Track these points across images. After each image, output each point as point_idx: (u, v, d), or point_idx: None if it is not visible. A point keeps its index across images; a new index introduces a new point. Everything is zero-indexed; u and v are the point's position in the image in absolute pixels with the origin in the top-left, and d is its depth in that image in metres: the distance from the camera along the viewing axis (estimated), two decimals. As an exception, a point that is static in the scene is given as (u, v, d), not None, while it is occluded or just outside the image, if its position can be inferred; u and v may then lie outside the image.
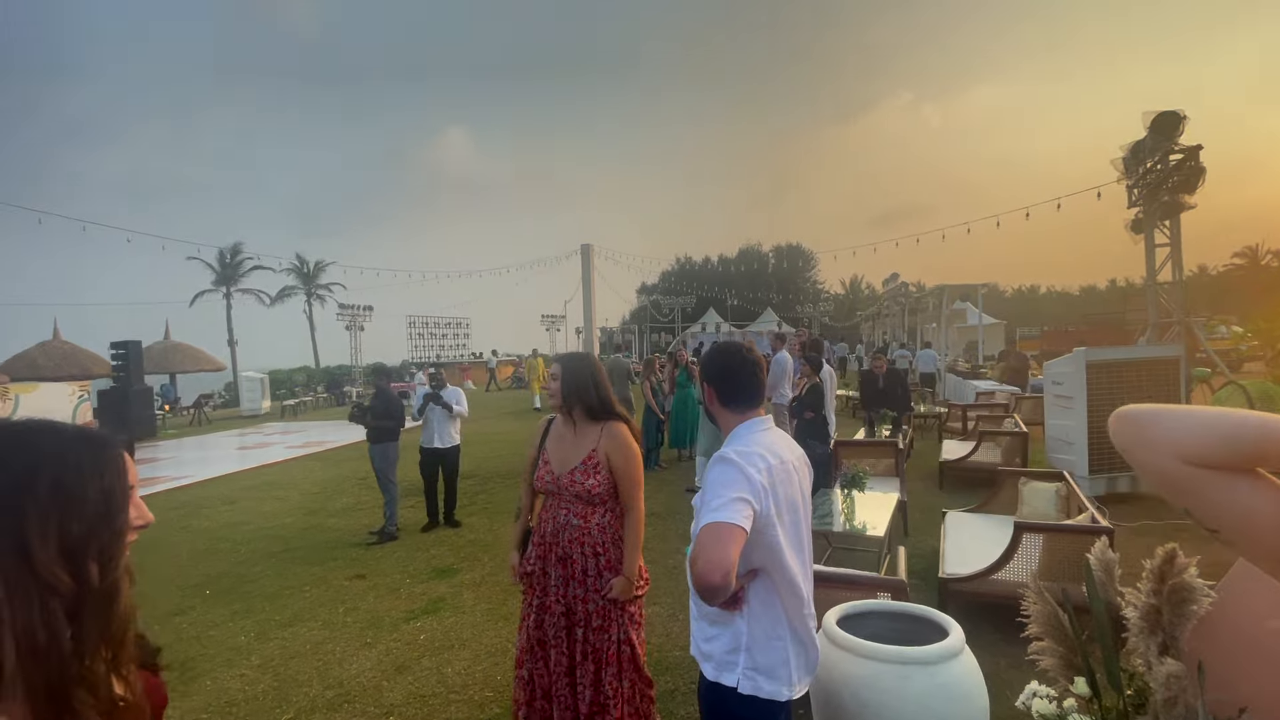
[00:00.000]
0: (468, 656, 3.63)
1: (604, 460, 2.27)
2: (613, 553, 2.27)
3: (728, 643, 1.63)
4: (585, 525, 2.27)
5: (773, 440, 1.69)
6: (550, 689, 2.29)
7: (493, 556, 5.33)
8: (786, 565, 1.59)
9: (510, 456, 9.99)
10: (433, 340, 31.81)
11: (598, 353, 26.70)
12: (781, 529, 1.58)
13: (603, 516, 2.28)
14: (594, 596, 2.24)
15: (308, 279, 33.36)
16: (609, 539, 2.28)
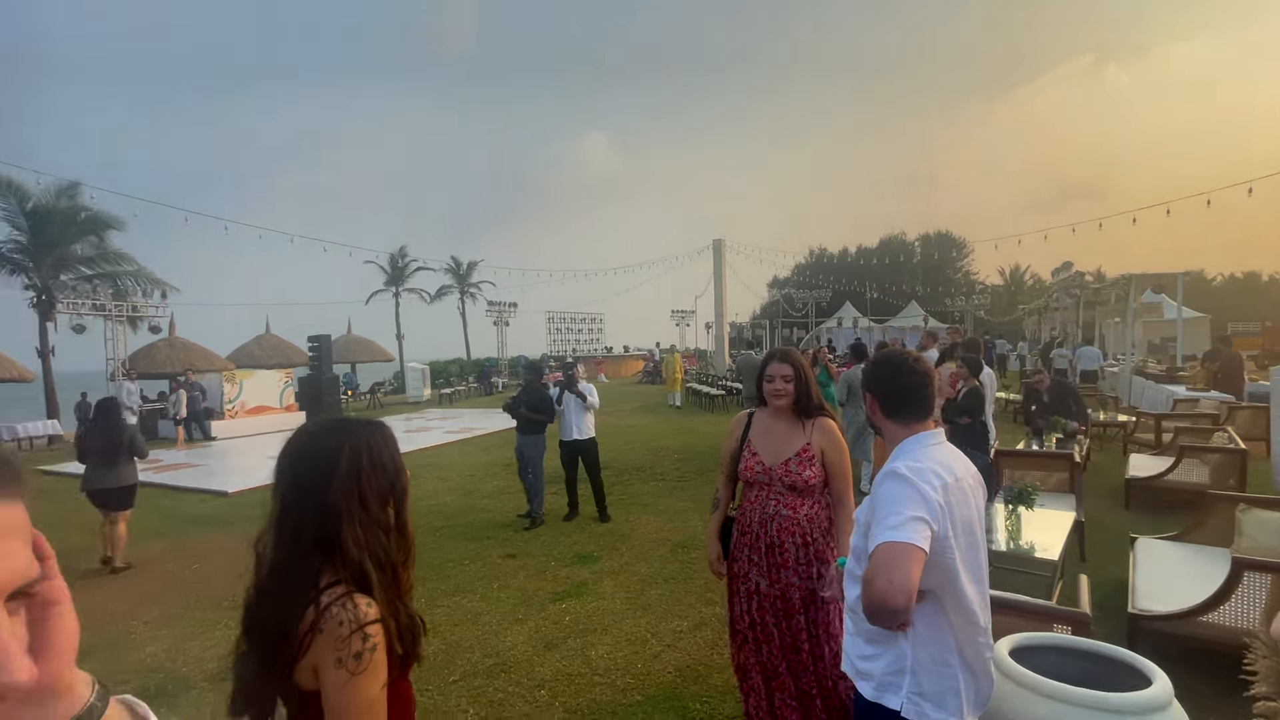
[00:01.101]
0: (610, 642, 3.80)
1: (818, 454, 2.36)
2: (820, 542, 2.35)
3: (890, 664, 1.56)
4: (794, 515, 2.35)
5: (946, 456, 1.59)
6: (777, 669, 2.38)
7: (630, 547, 5.52)
8: (962, 591, 1.49)
9: (644, 451, 10.24)
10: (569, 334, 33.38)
11: (727, 349, 26.49)
12: (958, 552, 1.49)
13: (810, 508, 2.36)
14: (805, 583, 2.33)
15: (461, 278, 36.46)
16: (816, 529, 2.36)
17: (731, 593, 2.52)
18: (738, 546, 2.48)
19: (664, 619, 4.07)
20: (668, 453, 10.07)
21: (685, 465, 9.04)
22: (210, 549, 6.12)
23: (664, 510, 6.69)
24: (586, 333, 34.26)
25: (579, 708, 3.14)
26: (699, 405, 16.67)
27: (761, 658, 2.42)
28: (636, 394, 21.07)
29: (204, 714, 3.26)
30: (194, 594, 4.96)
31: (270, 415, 15.90)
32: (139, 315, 17.10)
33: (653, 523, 6.24)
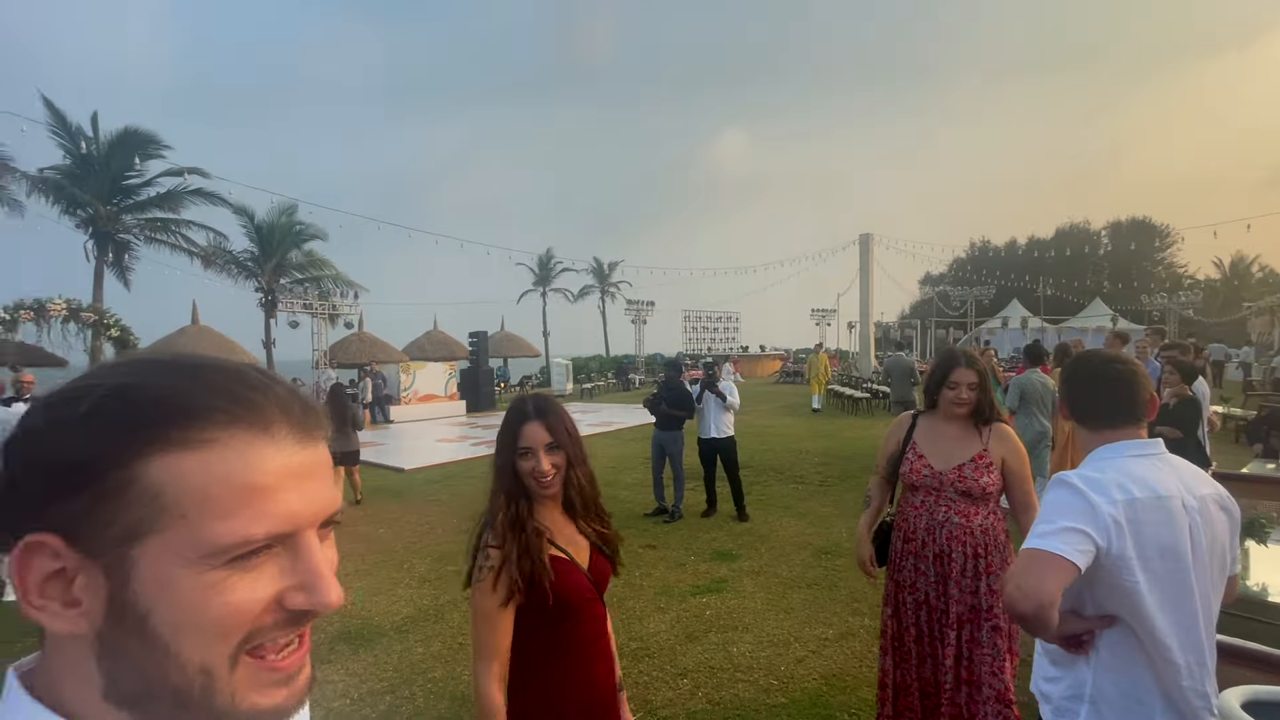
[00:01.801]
0: (751, 641, 3.77)
1: (997, 461, 2.21)
2: (993, 556, 2.19)
3: (1068, 688, 1.43)
4: (967, 524, 2.21)
5: (1147, 470, 1.39)
6: (934, 682, 2.27)
7: (770, 548, 5.43)
8: (1150, 621, 1.31)
9: (783, 452, 10.00)
10: (705, 333, 33.44)
11: (873, 349, 25.00)
12: (1147, 577, 1.30)
13: (985, 518, 2.21)
14: (969, 598, 2.19)
15: (602, 278, 38.03)
16: (991, 542, 2.20)
17: (897, 603, 2.37)
18: (901, 555, 2.34)
19: (807, 624, 3.96)
20: (808, 455, 9.75)
21: (827, 469, 8.70)
22: (391, 516, 6.97)
23: (805, 514, 6.49)
24: (722, 331, 34.10)
25: (722, 701, 3.16)
26: (840, 408, 15.93)
27: (924, 674, 2.28)
28: (774, 394, 20.62)
29: (392, 657, 3.72)
30: (380, 554, 5.68)
31: (437, 403, 17.70)
32: (337, 313, 19.86)
33: (793, 526, 6.09)
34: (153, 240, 17.89)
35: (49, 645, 0.41)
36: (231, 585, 0.40)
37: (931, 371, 2.40)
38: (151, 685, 0.39)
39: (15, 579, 0.38)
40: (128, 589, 0.38)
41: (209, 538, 0.39)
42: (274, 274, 20.53)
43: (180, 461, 0.39)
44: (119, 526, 0.38)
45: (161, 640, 0.39)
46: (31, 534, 0.38)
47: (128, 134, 16.60)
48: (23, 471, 0.39)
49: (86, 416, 0.39)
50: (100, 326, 13.14)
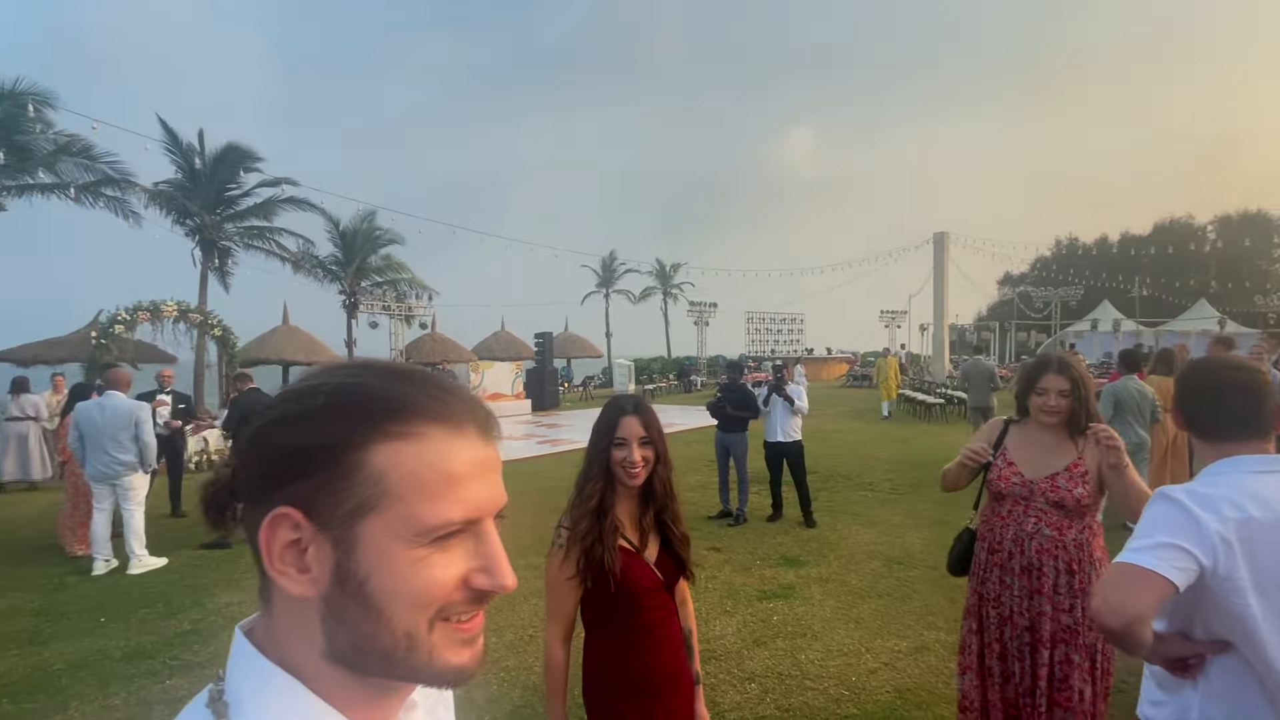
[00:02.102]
0: (820, 649, 3.72)
1: (1093, 471, 2.08)
2: (1089, 574, 2.06)
3: (1172, 714, 1.35)
4: (1060, 538, 2.09)
5: (1270, 487, 1.30)
6: (1017, 703, 2.18)
7: (839, 555, 5.33)
8: (1264, 649, 1.22)
9: (851, 458, 9.76)
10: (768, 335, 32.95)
11: (947, 353, 23.94)
12: (1262, 603, 1.21)
13: (1080, 532, 2.09)
14: (1062, 616, 2.08)
15: (665, 279, 38.08)
16: (1086, 558, 2.08)
17: (980, 618, 2.27)
18: (986, 566, 2.24)
19: (879, 635, 3.87)
20: (877, 462, 9.47)
21: (898, 476, 8.42)
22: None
23: (875, 522, 6.32)
24: (786, 333, 33.50)
25: (791, 708, 3.13)
26: (912, 414, 15.35)
27: (1008, 694, 2.19)
28: (841, 398, 20.10)
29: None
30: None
31: (503, 401, 18.24)
32: (412, 314, 20.81)
33: (863, 534, 5.94)
34: (250, 246, 19.29)
35: (277, 608, 0.48)
36: (432, 562, 0.46)
37: (1021, 377, 2.30)
38: (364, 644, 0.45)
39: (262, 545, 0.45)
40: (352, 559, 0.45)
41: (419, 518, 0.45)
42: (355, 277, 21.72)
43: (398, 450, 0.45)
44: (349, 504, 0.45)
45: (377, 605, 0.45)
46: (278, 507, 0.44)
47: (230, 149, 17.96)
48: (269, 454, 0.46)
49: (324, 409, 0.46)
50: (205, 326, 14.26)
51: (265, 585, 0.48)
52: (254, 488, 0.47)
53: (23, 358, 14.17)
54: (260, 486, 0.46)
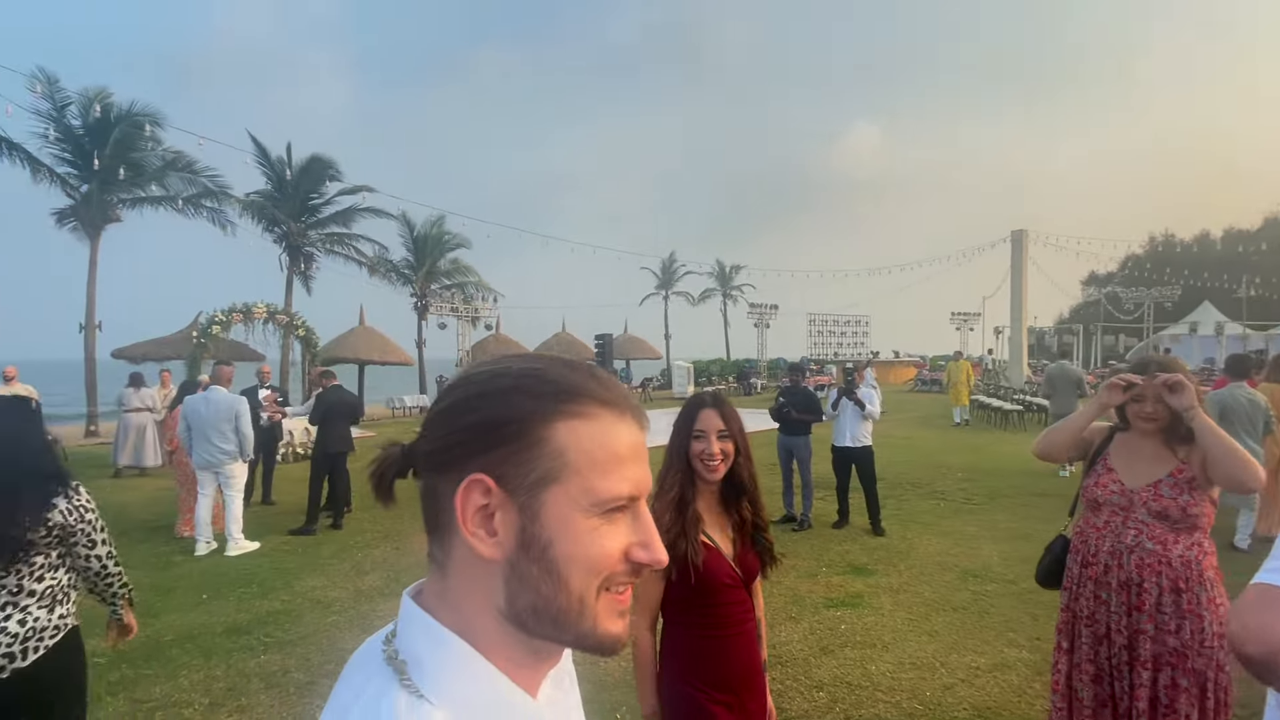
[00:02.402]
0: (891, 661, 3.61)
1: (1200, 476, 1.94)
2: (1199, 594, 1.90)
3: None
4: (1164, 553, 1.94)
5: None
6: None
7: (909, 565, 5.15)
8: None
9: (922, 466, 9.40)
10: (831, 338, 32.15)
11: (1025, 357, 22.68)
12: None
13: (1187, 549, 1.93)
14: (1168, 638, 1.93)
15: (724, 281, 37.78)
16: (1195, 577, 1.91)
17: (1073, 635, 2.13)
18: (1079, 580, 2.11)
19: (954, 650, 3.71)
20: (949, 470, 9.08)
21: (972, 486, 8.05)
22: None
23: (948, 532, 6.06)
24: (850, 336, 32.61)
25: (862, 719, 3.06)
26: (986, 421, 14.63)
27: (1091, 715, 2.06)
28: (909, 403, 19.38)
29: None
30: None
31: (565, 401, 18.57)
32: (478, 316, 21.50)
33: (935, 544, 5.71)
34: (330, 251, 20.44)
35: (455, 570, 0.51)
36: (603, 532, 0.50)
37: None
38: (543, 605, 0.49)
39: (457, 509, 0.49)
40: (536, 525, 0.49)
41: (595, 490, 0.49)
42: (426, 280, 22.63)
43: (576, 429, 0.50)
44: (534, 474, 0.49)
45: (558, 569, 0.49)
46: (472, 474, 0.49)
47: (313, 160, 19.11)
48: (460, 428, 0.51)
49: (510, 390, 0.51)
50: (290, 326, 15.22)
51: (441, 549, 0.52)
52: (442, 459, 0.51)
53: (134, 355, 15.54)
54: (450, 457, 0.51)
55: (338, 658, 3.70)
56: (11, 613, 1.82)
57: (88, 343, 15.39)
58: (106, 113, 14.70)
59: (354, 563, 5.45)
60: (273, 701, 3.25)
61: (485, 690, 0.50)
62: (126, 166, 14.99)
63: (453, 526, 0.50)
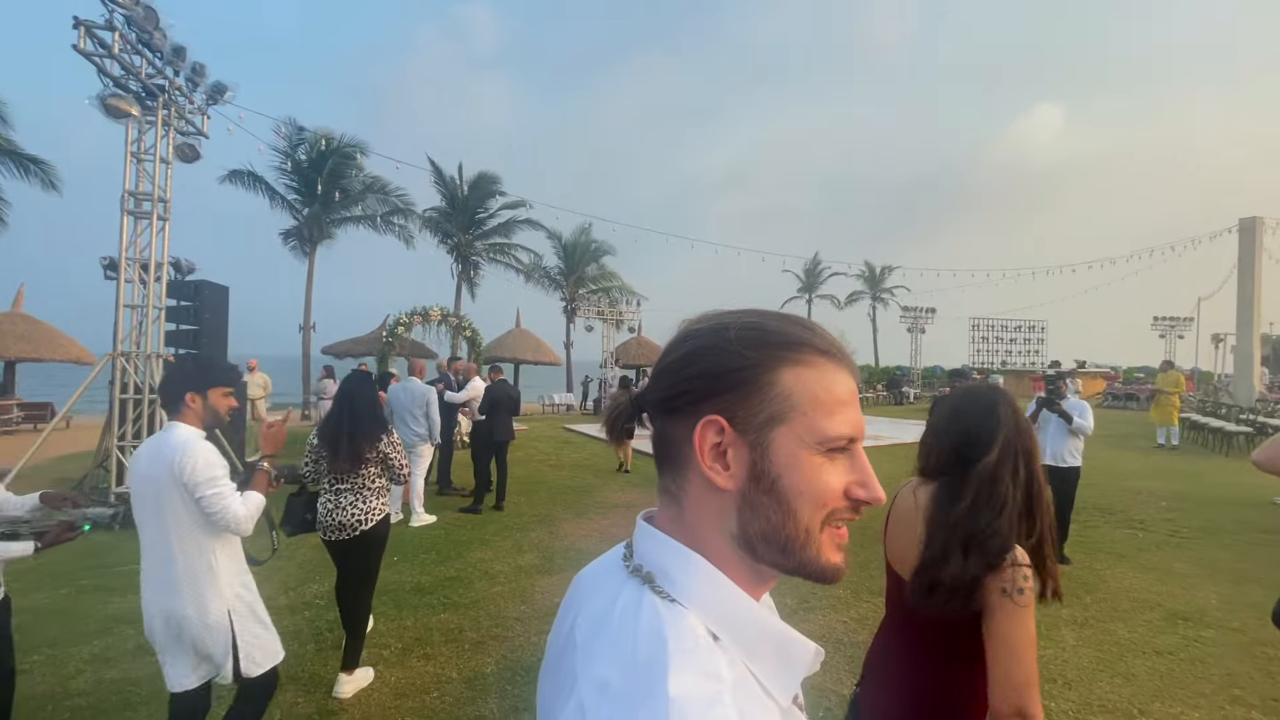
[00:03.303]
0: (1074, 699, 3.22)
1: None
2: None
3: None
4: None
5: None
6: None
7: (1098, 600, 4.54)
8: None
9: (1112, 490, 8.23)
10: (998, 345, 29.13)
11: (1258, 370, 18.86)
12: None
13: None
14: None
15: (874, 283, 35.69)
16: None
17: None
18: None
19: (1158, 699, 3.23)
20: (1150, 497, 7.84)
21: (1181, 517, 6.89)
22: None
23: (1150, 567, 5.26)
24: (1021, 343, 29.29)
25: (1038, 757, 2.77)
26: (1200, 444, 12.40)
27: None
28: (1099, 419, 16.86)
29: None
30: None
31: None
32: (621, 319, 22.32)
33: (1132, 578, 4.98)
34: (493, 260, 22.43)
35: (691, 500, 0.58)
36: (826, 469, 0.56)
37: None
38: (772, 533, 0.55)
39: (696, 445, 0.56)
40: (765, 460, 0.55)
41: (819, 429, 0.55)
42: (575, 285, 23.98)
43: (799, 375, 0.56)
44: (764, 415, 0.55)
45: (786, 500, 0.55)
46: (709, 413, 0.56)
47: (480, 177, 21.11)
48: (692, 376, 0.58)
49: (736, 340, 0.57)
50: (459, 328, 16.94)
51: (675, 482, 0.59)
52: (675, 404, 0.58)
53: (338, 351, 18.19)
54: (683, 402, 0.58)
55: (504, 623, 4.09)
56: (357, 499, 3.31)
57: (305, 341, 18.29)
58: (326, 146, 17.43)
59: (514, 541, 5.95)
60: (451, 653, 3.68)
61: (726, 599, 0.56)
62: (340, 191, 17.67)
63: (688, 462, 0.57)
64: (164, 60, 6.88)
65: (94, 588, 4.71)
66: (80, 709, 3.06)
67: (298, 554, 5.48)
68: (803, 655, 0.57)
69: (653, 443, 0.63)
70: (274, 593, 4.61)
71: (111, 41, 6.31)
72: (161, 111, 6.94)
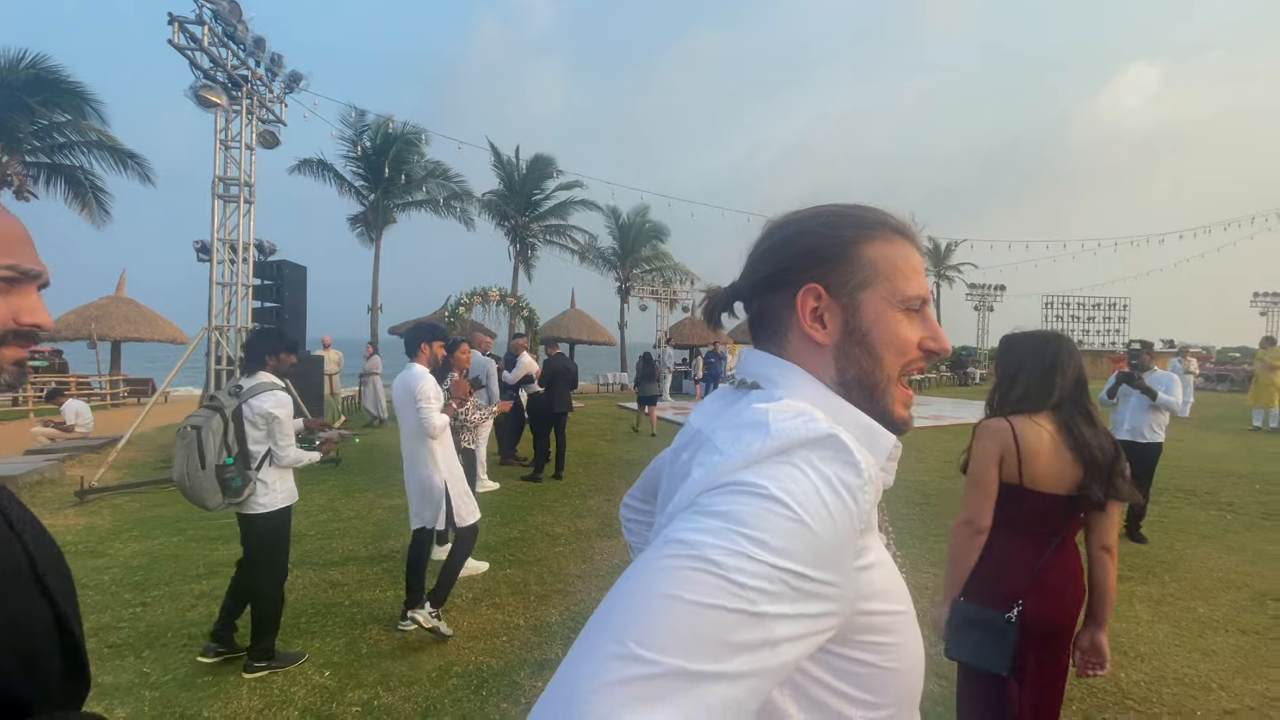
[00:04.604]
0: (1147, 671, 3.13)
1: None
2: None
3: None
4: None
5: None
6: None
7: (1177, 578, 4.35)
8: None
9: (1195, 471, 7.77)
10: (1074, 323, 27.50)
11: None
12: None
13: None
14: None
15: (938, 259, 34.22)
16: None
17: None
18: None
19: (1239, 675, 3.09)
20: (1238, 479, 7.35)
21: (1275, 500, 6.44)
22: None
23: (1237, 548, 4.97)
24: (1101, 321, 27.56)
25: (1104, 722, 2.73)
26: (1305, 427, 11.43)
27: None
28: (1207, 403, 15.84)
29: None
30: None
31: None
32: (675, 298, 22.29)
33: (1218, 558, 4.73)
34: (548, 241, 22.77)
35: (793, 355, 0.67)
36: (905, 325, 0.67)
37: None
38: (864, 377, 0.66)
39: (799, 309, 0.66)
40: (857, 318, 0.66)
41: (900, 291, 0.67)
42: (629, 265, 24.08)
43: (881, 248, 0.67)
44: (854, 282, 0.66)
45: (876, 350, 0.66)
46: (807, 283, 0.66)
47: (537, 159, 21.39)
48: (793, 254, 0.68)
49: (825, 225, 0.68)
50: (517, 308, 17.37)
51: (777, 348, 0.69)
52: (776, 281, 0.69)
53: (402, 331, 19.01)
54: (784, 278, 0.68)
55: (565, 579, 4.28)
56: None
57: (373, 321, 19.17)
58: (390, 133, 18.05)
59: (573, 508, 6.17)
60: (518, 605, 3.89)
61: (821, 393, 0.65)
62: (404, 176, 18.30)
63: (789, 327, 0.68)
64: (247, 51, 7.32)
65: (199, 537, 5.20)
66: (196, 637, 3.43)
67: (372, 514, 5.87)
68: (885, 442, 0.64)
69: (750, 322, 0.73)
70: (355, 546, 4.97)
71: (201, 35, 6.76)
72: (245, 100, 7.39)
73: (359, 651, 3.30)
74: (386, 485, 6.97)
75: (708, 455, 0.56)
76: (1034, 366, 1.82)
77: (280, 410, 3.01)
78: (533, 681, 3.02)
